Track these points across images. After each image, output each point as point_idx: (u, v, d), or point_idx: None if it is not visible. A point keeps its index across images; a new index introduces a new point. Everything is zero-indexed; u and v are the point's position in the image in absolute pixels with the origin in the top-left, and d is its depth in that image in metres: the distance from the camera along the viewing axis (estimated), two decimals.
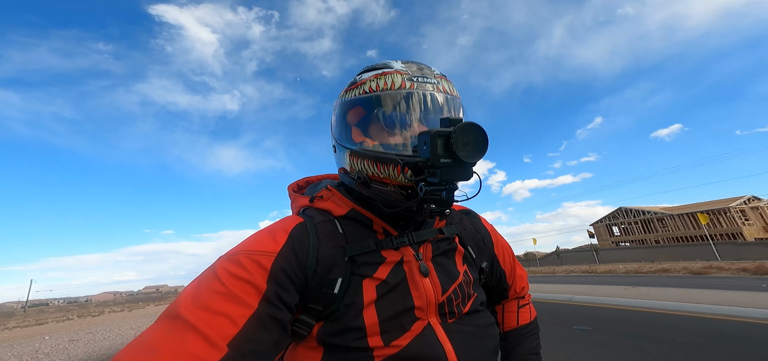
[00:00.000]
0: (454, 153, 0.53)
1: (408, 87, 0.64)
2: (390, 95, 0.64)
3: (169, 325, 0.48)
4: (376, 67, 0.70)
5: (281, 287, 0.56)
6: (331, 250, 0.63)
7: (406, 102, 0.64)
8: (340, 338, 0.58)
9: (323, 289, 0.60)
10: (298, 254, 0.60)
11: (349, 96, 0.69)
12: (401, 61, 0.70)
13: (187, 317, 0.48)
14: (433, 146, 0.54)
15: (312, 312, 0.60)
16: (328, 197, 0.72)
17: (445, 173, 0.55)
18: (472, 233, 0.83)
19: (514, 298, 0.94)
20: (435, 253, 0.70)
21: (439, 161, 0.54)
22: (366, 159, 0.65)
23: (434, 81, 0.66)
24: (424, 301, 0.63)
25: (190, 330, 0.47)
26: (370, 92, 0.66)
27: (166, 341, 0.46)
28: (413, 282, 0.64)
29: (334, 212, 0.70)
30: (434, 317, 0.63)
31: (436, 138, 0.54)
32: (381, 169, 0.63)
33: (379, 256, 0.65)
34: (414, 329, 0.60)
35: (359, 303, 0.60)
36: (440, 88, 0.66)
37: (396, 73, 0.66)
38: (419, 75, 0.66)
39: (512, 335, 0.90)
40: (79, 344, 10.04)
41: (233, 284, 0.53)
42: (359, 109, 0.68)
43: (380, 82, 0.66)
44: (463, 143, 0.54)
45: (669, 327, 5.86)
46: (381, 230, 0.68)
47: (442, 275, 0.68)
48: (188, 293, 0.53)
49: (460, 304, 0.67)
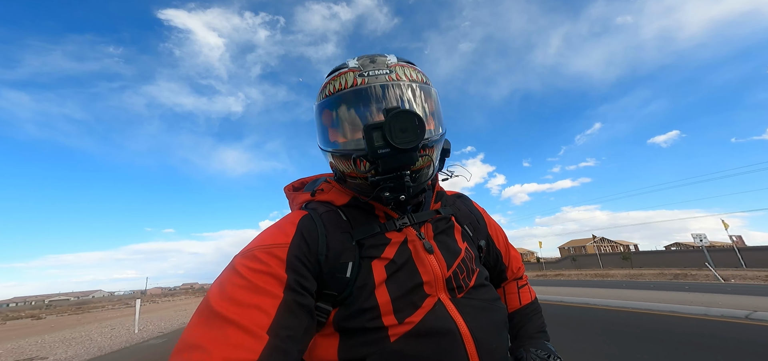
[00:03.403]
0: (389, 142, 0.56)
1: (359, 83, 0.67)
2: (343, 96, 0.68)
3: (207, 322, 0.50)
4: (335, 69, 0.74)
5: (299, 274, 0.58)
6: (338, 235, 0.66)
7: (356, 99, 0.68)
8: (355, 321, 0.60)
9: (336, 274, 0.62)
10: (309, 242, 0.63)
11: (317, 101, 0.75)
12: (356, 58, 0.73)
13: (222, 312, 0.50)
14: (369, 139, 0.58)
15: (328, 298, 0.62)
16: (329, 190, 0.77)
17: (385, 163, 0.59)
18: (466, 214, 0.86)
19: (512, 279, 0.97)
20: (436, 231, 0.74)
21: (376, 153, 0.58)
22: (336, 157, 0.70)
23: (386, 71, 0.68)
24: (432, 276, 0.65)
25: (229, 325, 0.49)
26: (329, 95, 0.70)
27: (210, 337, 0.48)
28: (419, 259, 0.66)
29: (336, 202, 0.74)
30: (443, 293, 0.65)
31: (371, 131, 0.57)
32: (347, 165, 0.68)
33: (384, 238, 0.68)
34: (425, 306, 0.62)
35: (371, 284, 0.62)
36: (393, 77, 0.68)
37: (349, 72, 0.69)
38: (370, 69, 0.69)
39: (517, 315, 0.91)
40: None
41: (256, 277, 0.55)
42: (326, 113, 0.73)
43: (336, 84, 0.70)
44: (400, 130, 0.56)
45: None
46: (383, 214, 0.72)
47: (445, 251, 0.70)
48: (215, 291, 0.54)
49: (465, 278, 0.69)
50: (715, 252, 30.11)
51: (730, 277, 18.10)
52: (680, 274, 21.99)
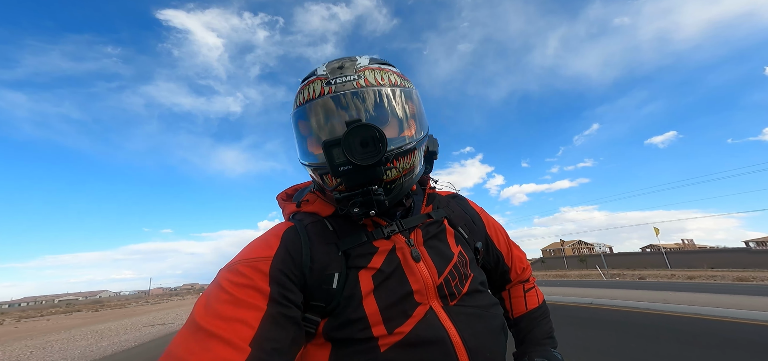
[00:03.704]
0: (349, 159, 0.54)
1: (326, 92, 0.64)
2: (309, 107, 0.66)
3: (191, 337, 0.51)
4: (306, 77, 0.71)
5: (283, 286, 0.58)
6: (323, 247, 0.65)
7: (321, 111, 0.65)
8: (344, 331, 0.59)
9: (322, 285, 0.62)
10: (293, 254, 0.62)
11: (292, 111, 0.71)
12: (326, 64, 0.70)
13: (206, 326, 0.51)
14: (329, 156, 0.56)
15: (316, 309, 0.62)
16: (314, 200, 0.75)
17: (349, 180, 0.57)
18: (461, 215, 0.82)
19: (517, 281, 0.92)
20: (426, 237, 0.71)
21: (337, 170, 0.56)
22: (310, 170, 0.70)
23: (354, 77, 0.65)
24: (422, 285, 0.63)
25: (212, 338, 0.50)
26: (299, 106, 0.68)
27: (192, 351, 0.49)
28: (408, 267, 0.65)
29: (322, 212, 0.72)
30: (435, 301, 0.63)
31: (329, 147, 0.56)
32: (320, 180, 0.67)
33: (371, 246, 0.66)
34: (416, 315, 0.61)
35: (358, 294, 0.61)
36: (362, 83, 0.65)
37: (317, 80, 0.66)
38: (338, 75, 0.65)
39: (524, 320, 0.87)
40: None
41: (239, 291, 0.55)
42: (299, 124, 0.71)
43: (305, 94, 0.67)
44: (360, 145, 0.54)
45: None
46: (370, 223, 0.69)
47: (435, 257, 0.68)
48: (200, 306, 0.55)
49: (458, 284, 0.67)
50: (677, 254, 34.18)
51: (672, 276, 22.25)
52: (645, 274, 25.56)
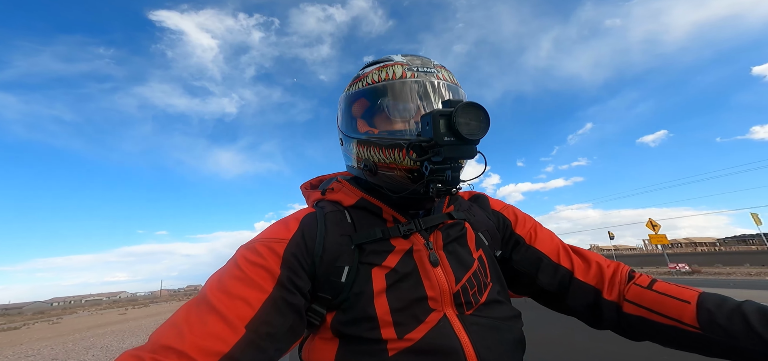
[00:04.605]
0: (457, 131, 0.54)
1: (409, 76, 0.66)
2: (392, 85, 0.67)
3: (196, 307, 0.53)
4: (379, 61, 0.73)
5: (293, 271, 0.59)
6: (337, 237, 0.64)
7: (407, 89, 0.66)
8: (353, 328, 0.59)
9: (331, 277, 0.61)
10: (307, 241, 0.63)
11: (353, 89, 0.72)
12: (402, 55, 0.72)
13: (211, 300, 0.52)
14: (436, 125, 0.55)
15: (322, 301, 0.61)
16: (339, 189, 0.75)
17: (449, 151, 0.56)
18: (483, 220, 0.78)
19: (612, 285, 0.69)
20: (446, 240, 0.69)
21: (442, 139, 0.55)
22: (372, 146, 0.67)
23: (434, 70, 0.68)
24: (438, 291, 0.61)
25: (212, 312, 0.51)
26: (373, 83, 0.68)
27: (191, 322, 0.50)
28: (424, 272, 0.63)
29: (344, 202, 0.71)
30: (450, 308, 0.61)
31: (439, 117, 0.55)
32: (387, 155, 0.65)
33: (387, 244, 0.65)
34: (429, 321, 0.59)
35: (369, 292, 0.60)
36: (440, 76, 0.68)
37: (397, 65, 0.68)
38: (419, 65, 0.68)
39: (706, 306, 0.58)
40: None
41: (251, 270, 0.56)
42: (363, 101, 0.71)
43: (382, 74, 0.68)
44: (465, 122, 0.55)
45: None
46: (390, 219, 0.68)
47: (454, 263, 0.66)
48: (214, 278, 0.57)
49: (476, 293, 0.64)
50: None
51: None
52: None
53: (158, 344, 0.47)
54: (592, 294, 0.70)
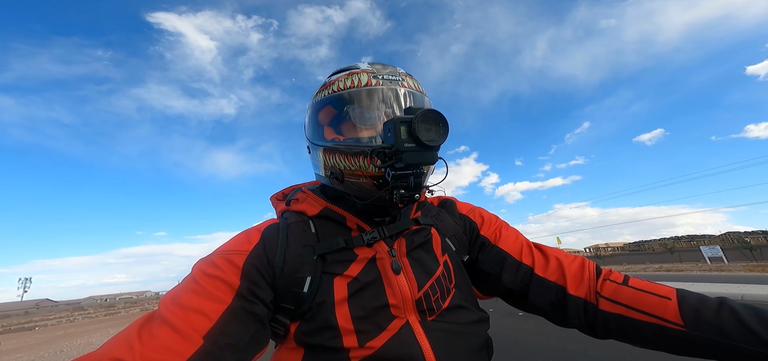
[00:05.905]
0: (417, 138, 0.56)
1: (374, 84, 0.67)
2: (357, 92, 0.67)
3: (147, 322, 0.52)
4: (345, 69, 0.73)
5: (253, 282, 0.58)
6: (299, 249, 0.64)
7: (372, 97, 0.67)
8: (315, 338, 0.59)
9: (292, 288, 0.61)
10: (268, 253, 0.63)
11: (320, 97, 0.73)
12: (368, 62, 0.73)
13: (164, 314, 0.52)
14: (397, 132, 0.57)
15: (285, 312, 0.61)
16: (303, 199, 0.75)
17: (410, 157, 0.57)
18: (451, 225, 0.78)
19: (579, 281, 0.67)
20: (410, 247, 0.68)
21: (403, 146, 0.56)
22: (338, 154, 0.67)
23: (399, 78, 0.70)
24: (400, 298, 0.62)
25: (164, 326, 0.50)
26: (339, 91, 0.69)
27: (142, 335, 0.49)
28: (387, 280, 0.63)
29: (308, 212, 0.71)
30: (413, 315, 0.62)
31: (399, 124, 0.57)
32: (352, 162, 0.65)
33: (350, 253, 0.65)
34: (391, 329, 0.59)
35: (330, 301, 0.60)
36: (405, 85, 0.69)
37: (363, 73, 0.69)
38: (384, 73, 0.69)
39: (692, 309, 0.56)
40: None
41: (208, 282, 0.56)
42: (330, 108, 0.71)
43: (348, 82, 0.69)
44: (425, 128, 0.56)
45: None
46: (355, 227, 0.68)
47: (417, 270, 0.66)
48: (169, 294, 0.56)
49: (439, 299, 0.64)
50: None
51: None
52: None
53: (109, 354, 0.47)
54: (554, 291, 0.69)
